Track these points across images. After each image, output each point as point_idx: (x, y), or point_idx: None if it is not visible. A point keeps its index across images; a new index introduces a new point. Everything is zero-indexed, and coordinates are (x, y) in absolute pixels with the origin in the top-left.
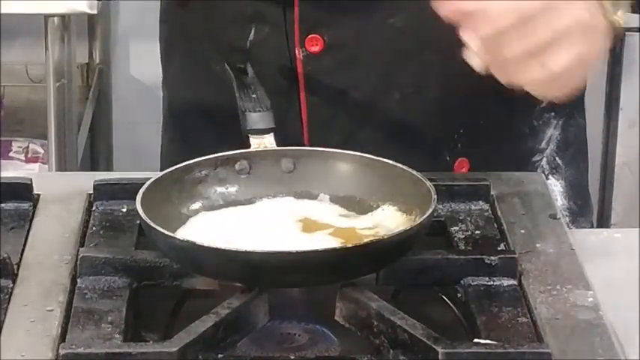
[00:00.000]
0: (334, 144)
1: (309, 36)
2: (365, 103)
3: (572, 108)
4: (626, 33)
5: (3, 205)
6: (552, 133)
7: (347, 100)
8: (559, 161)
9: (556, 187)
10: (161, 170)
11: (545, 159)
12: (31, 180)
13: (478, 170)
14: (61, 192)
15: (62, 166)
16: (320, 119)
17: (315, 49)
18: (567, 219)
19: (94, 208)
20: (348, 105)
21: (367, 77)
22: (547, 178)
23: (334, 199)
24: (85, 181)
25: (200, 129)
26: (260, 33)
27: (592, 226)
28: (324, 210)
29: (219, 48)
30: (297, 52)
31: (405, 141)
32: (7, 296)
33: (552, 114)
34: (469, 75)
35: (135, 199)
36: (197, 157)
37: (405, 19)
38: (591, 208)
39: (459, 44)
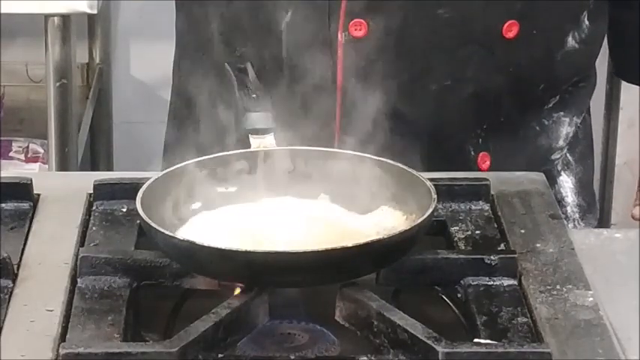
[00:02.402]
0: (365, 131)
1: (354, 20)
2: (401, 92)
3: (581, 107)
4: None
5: (3, 205)
6: (567, 131)
7: (383, 88)
8: (570, 158)
9: (567, 183)
10: (163, 169)
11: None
12: (31, 180)
13: (499, 165)
14: (61, 192)
15: (62, 166)
16: (354, 105)
17: (359, 33)
18: (577, 215)
19: (94, 208)
20: (384, 93)
21: (406, 66)
22: (559, 175)
23: (334, 199)
24: (85, 181)
25: (209, 126)
26: (297, 15)
27: (596, 222)
28: (324, 210)
29: (247, 31)
30: (339, 35)
31: (434, 133)
32: (7, 296)
33: (562, 113)
34: (501, 72)
35: (135, 199)
36: (203, 156)
37: (452, 11)
38: (597, 205)
39: (499, 39)
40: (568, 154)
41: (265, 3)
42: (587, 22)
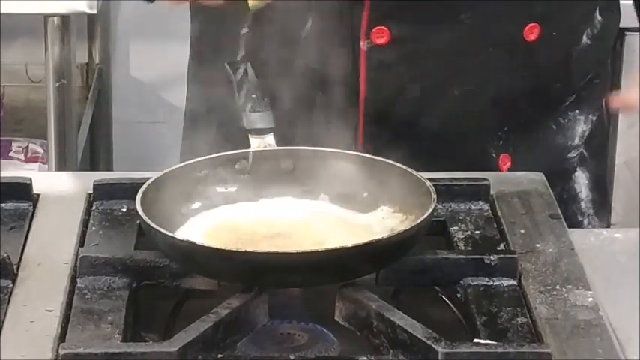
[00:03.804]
0: (387, 137)
1: (376, 28)
2: (423, 97)
3: (596, 103)
4: (626, 33)
5: (3, 205)
6: (583, 129)
7: (406, 94)
8: (585, 153)
9: (581, 179)
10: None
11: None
12: (30, 180)
13: (519, 166)
14: (61, 192)
15: (62, 166)
16: (377, 111)
17: (381, 41)
18: (591, 211)
19: (93, 208)
20: (407, 99)
21: (429, 72)
22: (574, 171)
23: (334, 199)
24: (85, 181)
25: (224, 128)
26: (318, 23)
27: (609, 218)
28: (324, 210)
29: (266, 38)
30: (361, 43)
31: (456, 137)
32: (6, 296)
33: (577, 111)
34: (522, 74)
35: (135, 199)
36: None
37: (474, 16)
38: (610, 201)
39: (520, 43)
40: (584, 150)
41: (285, 11)
42: (599, 18)
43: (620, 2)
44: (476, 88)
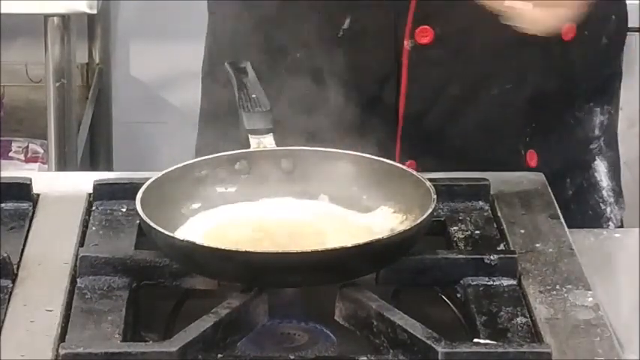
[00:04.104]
0: (424, 135)
1: (420, 27)
2: (463, 96)
3: (612, 94)
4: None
5: (3, 205)
6: (601, 119)
7: (446, 93)
8: (602, 143)
9: (601, 167)
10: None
11: None
12: (30, 180)
13: (544, 161)
14: (61, 192)
15: (62, 166)
16: (416, 110)
17: (425, 40)
18: (612, 199)
19: (93, 208)
20: (446, 97)
21: (469, 71)
22: (594, 160)
23: (334, 199)
24: (85, 181)
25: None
26: (358, 22)
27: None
28: (324, 210)
29: (296, 37)
30: (405, 42)
31: (489, 135)
32: (6, 296)
33: (592, 104)
34: (556, 73)
35: (135, 199)
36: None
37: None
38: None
39: (557, 42)
40: (601, 140)
41: (320, 7)
42: (613, 17)
43: None
44: (513, 87)
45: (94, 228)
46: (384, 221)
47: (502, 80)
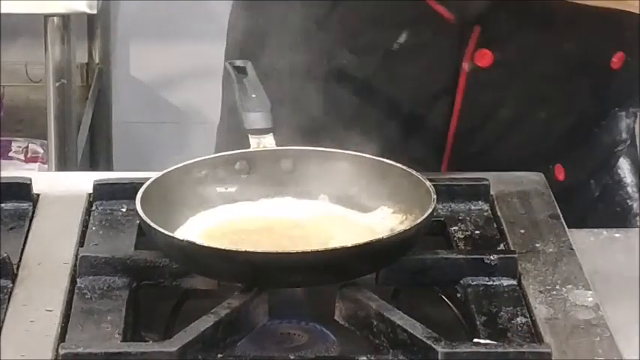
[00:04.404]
0: (469, 153)
1: (481, 50)
2: (513, 118)
3: (636, 97)
4: None
5: (3, 205)
6: (627, 122)
7: (497, 114)
8: (627, 143)
9: (624, 164)
10: None
11: None
12: (30, 180)
13: (572, 173)
14: (61, 192)
15: (62, 166)
16: (467, 129)
17: (484, 63)
18: (637, 195)
19: (93, 208)
20: (497, 119)
21: (523, 95)
22: (618, 160)
23: (334, 199)
24: (85, 181)
25: None
26: (415, 38)
27: None
28: (325, 210)
29: (345, 44)
30: (464, 64)
31: (527, 154)
32: (6, 296)
33: (617, 109)
34: (600, 99)
35: (134, 199)
36: None
37: (575, 44)
38: None
39: (606, 70)
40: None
41: (378, 18)
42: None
43: None
44: (560, 111)
45: (94, 228)
46: (384, 221)
47: (552, 104)
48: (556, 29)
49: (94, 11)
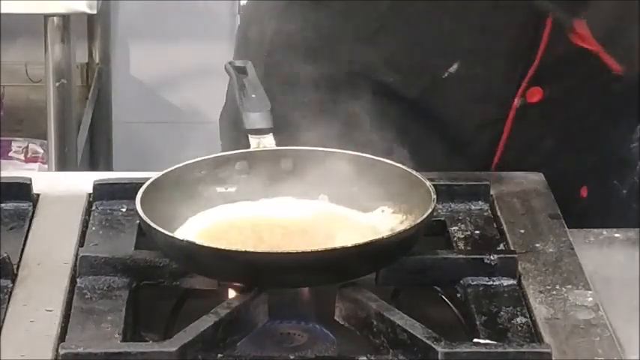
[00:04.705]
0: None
1: (532, 88)
2: (556, 150)
3: None
4: None
5: (3, 205)
6: None
7: (541, 146)
8: None
9: None
10: None
11: None
12: (30, 180)
13: (595, 187)
14: (61, 192)
15: (62, 166)
16: (511, 160)
17: (534, 99)
18: None
19: (93, 208)
20: (540, 151)
21: (569, 129)
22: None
23: (334, 199)
24: (85, 181)
25: None
26: (466, 69)
27: None
28: (325, 210)
29: (392, 64)
30: (515, 100)
31: (565, 181)
32: (6, 296)
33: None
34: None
35: (134, 199)
36: None
37: (622, 84)
38: None
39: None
40: None
41: (431, 45)
42: None
43: None
44: (597, 142)
45: (94, 228)
46: (383, 221)
47: (592, 136)
48: (606, 70)
49: (94, 11)
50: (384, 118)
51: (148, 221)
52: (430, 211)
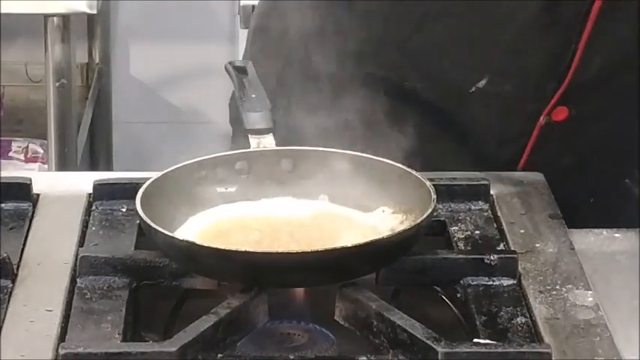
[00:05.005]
0: None
1: (559, 108)
2: (577, 167)
3: None
4: None
5: (3, 205)
6: None
7: (562, 163)
8: None
9: None
10: None
11: None
12: (30, 180)
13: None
14: (61, 192)
15: (62, 166)
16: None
17: (559, 118)
18: None
19: (93, 208)
20: (562, 168)
21: (592, 147)
22: None
23: (334, 199)
24: (85, 181)
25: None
26: (493, 86)
27: None
28: (326, 210)
29: (418, 72)
30: (541, 118)
31: (583, 197)
32: (6, 296)
33: None
34: None
35: (134, 199)
36: None
37: None
38: None
39: None
40: None
41: (462, 60)
42: None
43: None
44: (621, 163)
45: (94, 228)
46: (383, 221)
47: (614, 157)
48: (631, 90)
49: (94, 11)
50: (404, 122)
51: (148, 221)
52: (430, 211)
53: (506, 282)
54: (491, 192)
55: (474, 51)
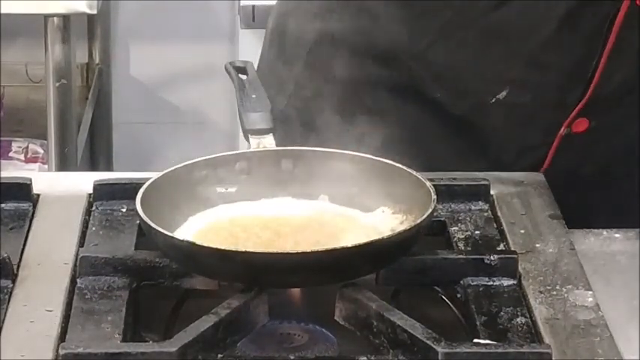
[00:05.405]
0: None
1: (579, 119)
2: (597, 176)
3: None
4: None
5: (3, 205)
6: None
7: (582, 176)
8: None
9: None
10: None
11: None
12: (30, 180)
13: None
14: (61, 192)
15: (62, 166)
16: (554, 186)
17: (579, 129)
18: None
19: (93, 208)
20: (582, 180)
21: (610, 159)
22: None
23: (334, 199)
24: (85, 181)
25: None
26: (514, 98)
27: None
28: (326, 210)
29: (438, 82)
30: (561, 130)
31: (599, 209)
32: (6, 296)
33: None
34: None
35: (135, 199)
36: None
37: None
38: None
39: None
40: None
41: (485, 70)
42: None
43: None
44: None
45: (94, 228)
46: (383, 221)
47: (635, 166)
48: None
49: (94, 11)
50: (423, 129)
51: (148, 221)
52: (430, 211)
53: (507, 282)
54: (492, 192)
55: (494, 63)
